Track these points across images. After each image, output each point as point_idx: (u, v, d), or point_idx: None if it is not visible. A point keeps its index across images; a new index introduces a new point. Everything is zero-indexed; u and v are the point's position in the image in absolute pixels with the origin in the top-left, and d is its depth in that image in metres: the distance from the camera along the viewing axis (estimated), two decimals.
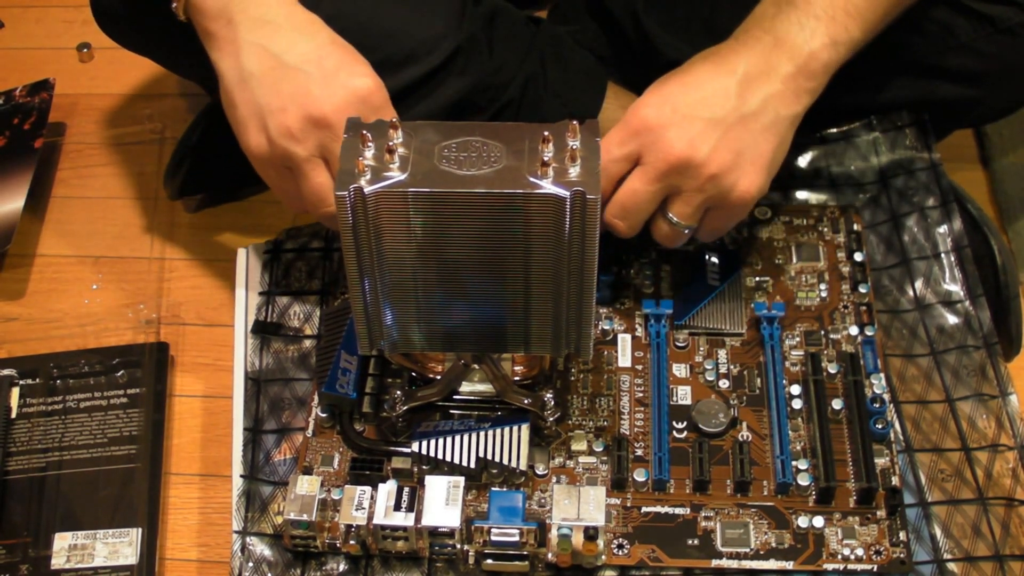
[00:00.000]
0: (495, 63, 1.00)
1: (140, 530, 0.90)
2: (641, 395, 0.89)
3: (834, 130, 1.03)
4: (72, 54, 1.32)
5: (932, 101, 1.00)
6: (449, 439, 0.83)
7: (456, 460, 0.83)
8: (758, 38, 0.86)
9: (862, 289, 0.93)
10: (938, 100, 1.00)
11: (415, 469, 0.84)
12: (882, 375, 0.88)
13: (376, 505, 0.80)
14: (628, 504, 0.83)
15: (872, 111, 1.01)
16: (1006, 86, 0.99)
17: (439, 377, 0.86)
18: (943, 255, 0.96)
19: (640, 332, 0.92)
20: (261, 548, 0.83)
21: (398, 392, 0.86)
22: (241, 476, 0.87)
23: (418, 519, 0.79)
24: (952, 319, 0.93)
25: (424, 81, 0.97)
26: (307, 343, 0.94)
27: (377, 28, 0.96)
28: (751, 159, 0.84)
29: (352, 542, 0.81)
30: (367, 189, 0.71)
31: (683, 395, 0.88)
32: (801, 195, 1.01)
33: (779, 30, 0.85)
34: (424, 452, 0.83)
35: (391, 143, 0.73)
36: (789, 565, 0.80)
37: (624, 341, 0.92)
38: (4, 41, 1.36)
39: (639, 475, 0.84)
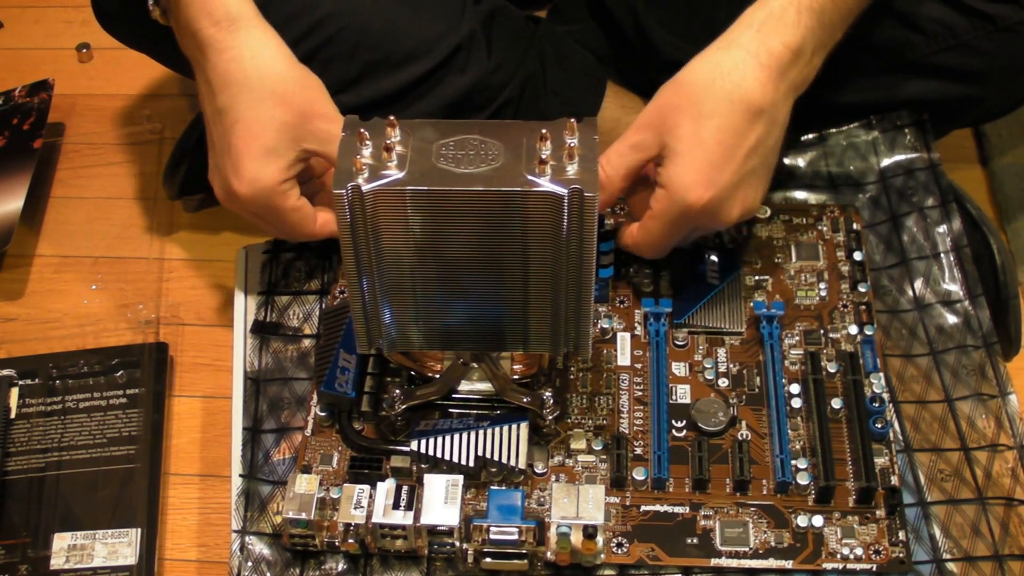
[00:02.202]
0: (494, 62, 1.00)
1: (139, 530, 0.90)
2: (640, 394, 0.89)
3: (834, 130, 1.03)
4: (71, 54, 1.32)
5: (932, 100, 1.00)
6: (448, 438, 0.83)
7: (455, 459, 0.83)
8: (774, 52, 0.84)
9: (861, 288, 0.93)
10: (938, 99, 1.00)
11: (414, 468, 0.84)
12: (881, 374, 0.88)
13: (375, 504, 0.80)
14: (627, 503, 0.83)
15: (872, 110, 1.01)
16: (1006, 85, 0.99)
17: (438, 376, 0.86)
18: (942, 255, 0.96)
19: (639, 331, 0.92)
20: (260, 547, 0.83)
21: (397, 391, 0.86)
22: (240, 476, 0.87)
23: (417, 518, 0.79)
24: (951, 319, 0.93)
25: (423, 80, 0.97)
26: (306, 342, 0.94)
27: (377, 27, 0.96)
28: (758, 195, 0.87)
29: (351, 541, 0.81)
30: (365, 187, 0.71)
31: (682, 394, 0.88)
32: (800, 195, 1.01)
33: (799, 40, 0.84)
34: (423, 451, 0.83)
35: (389, 141, 0.73)
36: (788, 564, 0.80)
37: (623, 339, 0.92)
38: (3, 41, 1.36)
39: (638, 474, 0.84)
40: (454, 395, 0.87)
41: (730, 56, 0.84)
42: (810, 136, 1.03)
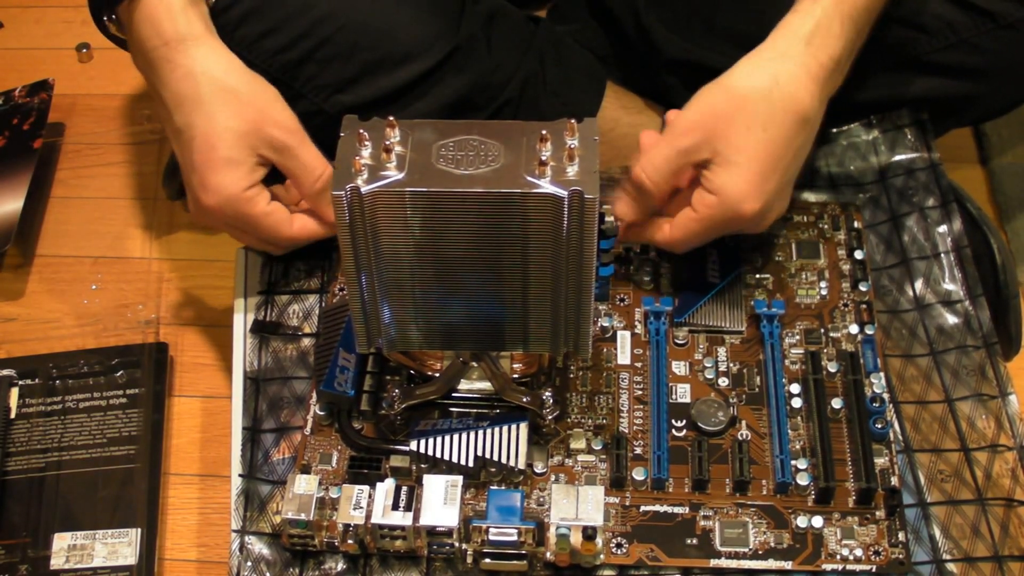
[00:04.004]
0: (493, 62, 1.00)
1: (139, 530, 0.90)
2: (640, 393, 0.89)
3: (834, 130, 1.03)
4: (71, 54, 1.32)
5: (933, 98, 1.00)
6: (447, 437, 0.83)
7: (454, 459, 0.83)
8: (823, 64, 0.85)
9: (862, 287, 0.93)
10: (939, 97, 0.99)
11: (413, 468, 0.84)
12: (882, 374, 0.88)
13: (374, 504, 0.80)
14: (627, 503, 0.83)
15: (873, 108, 1.01)
16: (1007, 82, 0.99)
17: (438, 375, 0.86)
18: (943, 255, 0.96)
19: (639, 329, 0.92)
20: (260, 547, 0.83)
21: (396, 390, 0.86)
22: (240, 475, 0.87)
23: (416, 518, 0.79)
24: (952, 319, 0.93)
25: (422, 79, 0.97)
26: (306, 342, 0.94)
27: (375, 26, 0.96)
28: (787, 201, 0.89)
29: (350, 541, 0.81)
30: (364, 188, 0.71)
31: (682, 393, 0.88)
32: (800, 195, 1.01)
33: (840, 51, 0.86)
34: (422, 451, 0.83)
35: (388, 142, 0.73)
36: (788, 565, 0.80)
37: (623, 338, 0.92)
38: (3, 41, 1.36)
39: (638, 474, 0.84)
40: (454, 394, 0.87)
41: (785, 68, 0.85)
42: None
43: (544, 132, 0.72)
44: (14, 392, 0.99)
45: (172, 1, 0.87)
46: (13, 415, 0.97)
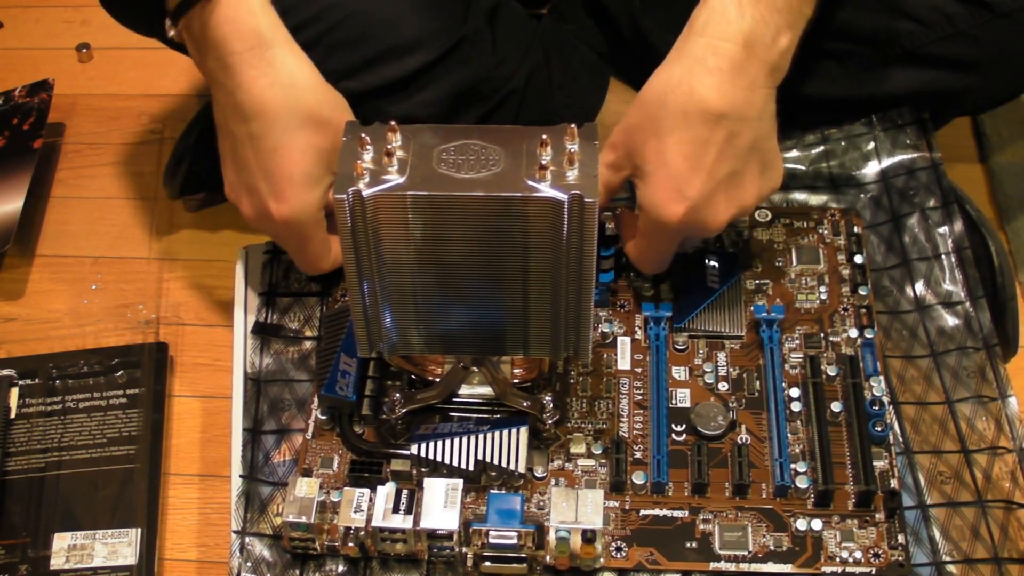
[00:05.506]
0: (498, 56, 1.00)
1: (139, 530, 0.90)
2: (640, 398, 0.89)
3: (834, 130, 1.03)
4: (71, 54, 1.32)
5: (931, 90, 0.99)
6: (448, 441, 0.83)
7: (455, 462, 0.83)
8: (722, 52, 0.81)
9: (862, 292, 0.93)
10: (937, 89, 0.99)
11: (414, 471, 0.84)
12: (881, 378, 0.88)
13: (375, 507, 0.80)
14: (626, 507, 0.83)
15: (870, 102, 1.01)
16: (1005, 72, 0.99)
17: (438, 380, 0.86)
18: (943, 256, 0.96)
19: (639, 335, 0.92)
20: (260, 549, 0.83)
21: (397, 394, 0.86)
22: (240, 476, 0.87)
23: (417, 521, 0.79)
24: (952, 320, 0.93)
25: (427, 69, 0.97)
26: (307, 344, 0.94)
27: (382, 16, 0.96)
28: (751, 191, 0.85)
29: (351, 544, 0.81)
30: (365, 192, 0.71)
31: (682, 398, 0.88)
32: (801, 196, 1.01)
33: (747, 32, 0.82)
34: (423, 454, 0.83)
35: (389, 146, 0.73)
36: (787, 568, 0.80)
37: (623, 344, 0.92)
38: (3, 41, 1.36)
39: (637, 478, 0.84)
40: (454, 399, 0.87)
41: (679, 68, 0.82)
42: (811, 136, 1.03)
43: (544, 137, 0.72)
44: (14, 392, 0.99)
45: (252, 3, 0.85)
46: (13, 415, 0.97)
